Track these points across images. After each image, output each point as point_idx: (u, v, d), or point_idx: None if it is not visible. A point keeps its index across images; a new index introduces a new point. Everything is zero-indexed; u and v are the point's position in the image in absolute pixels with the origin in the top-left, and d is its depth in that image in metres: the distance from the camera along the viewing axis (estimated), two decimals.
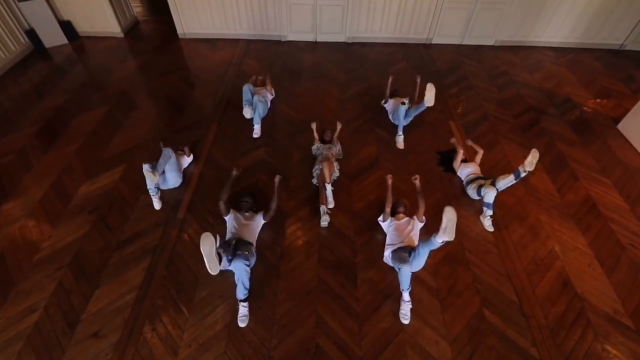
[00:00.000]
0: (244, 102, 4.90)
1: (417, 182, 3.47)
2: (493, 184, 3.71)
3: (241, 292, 3.00)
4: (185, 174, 4.23)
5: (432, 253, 3.48)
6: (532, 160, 3.47)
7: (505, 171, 4.28)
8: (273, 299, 3.15)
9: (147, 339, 2.91)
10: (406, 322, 2.98)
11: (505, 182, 3.62)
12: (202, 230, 3.67)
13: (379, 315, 3.06)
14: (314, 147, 4.37)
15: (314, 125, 4.46)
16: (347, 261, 3.43)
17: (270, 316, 3.04)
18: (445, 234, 2.69)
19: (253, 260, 3.25)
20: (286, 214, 3.83)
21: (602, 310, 3.13)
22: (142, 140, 4.72)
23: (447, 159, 4.34)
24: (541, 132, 4.96)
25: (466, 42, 6.92)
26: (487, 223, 3.70)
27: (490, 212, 3.71)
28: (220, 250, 2.88)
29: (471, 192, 3.93)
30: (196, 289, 3.21)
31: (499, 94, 5.67)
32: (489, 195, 3.67)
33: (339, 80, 5.89)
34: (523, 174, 3.53)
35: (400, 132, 4.66)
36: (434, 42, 6.95)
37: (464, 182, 4.05)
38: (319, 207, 3.77)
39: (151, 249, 3.51)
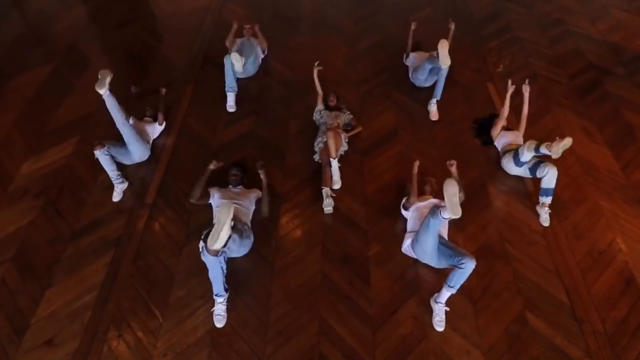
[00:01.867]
0: (226, 86, 4.77)
1: (454, 169, 3.56)
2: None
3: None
4: (155, 147, 4.31)
5: (464, 243, 3.59)
6: (558, 148, 3.52)
7: None
8: (266, 300, 3.27)
9: (112, 348, 3.04)
10: (440, 329, 3.10)
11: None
12: (177, 216, 3.79)
13: (397, 319, 3.17)
14: (315, 114, 4.44)
15: (315, 72, 4.52)
16: (357, 254, 3.55)
17: (263, 320, 3.17)
18: (450, 211, 2.81)
19: (249, 244, 3.40)
20: (281, 197, 3.93)
21: None
22: (98, 107, 4.76)
23: (485, 128, 4.41)
24: (604, 96, 5.02)
25: None
26: (544, 216, 3.74)
27: (549, 201, 3.75)
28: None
29: (506, 163, 4.03)
30: (171, 289, 3.34)
31: (552, 49, 5.70)
32: (551, 176, 3.68)
33: (347, 31, 5.92)
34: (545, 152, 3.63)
35: (433, 100, 4.70)
36: None
37: (500, 154, 4.12)
38: (322, 189, 3.87)
39: (114, 240, 3.63)
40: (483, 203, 3.92)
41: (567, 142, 3.53)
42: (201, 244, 3.11)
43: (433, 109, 4.68)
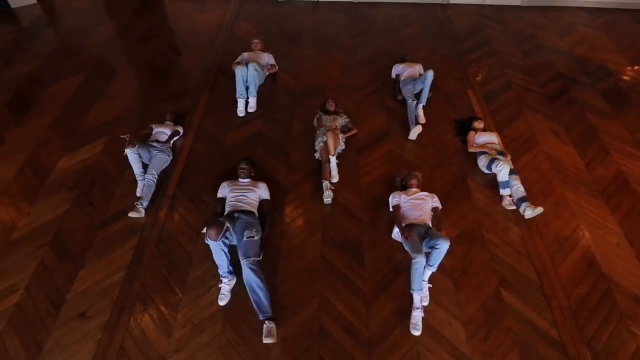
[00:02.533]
0: (237, 93, 4.80)
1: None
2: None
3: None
4: (175, 146, 4.37)
5: (446, 229, 3.66)
6: (532, 213, 3.66)
7: (528, 146, 4.44)
8: (273, 279, 3.33)
9: (138, 320, 3.10)
10: (417, 333, 3.00)
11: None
12: (194, 206, 3.85)
13: (388, 295, 3.23)
14: (315, 119, 4.51)
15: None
16: (353, 240, 3.61)
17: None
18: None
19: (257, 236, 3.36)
20: (286, 189, 3.99)
21: (630, 292, 3.31)
22: (124, 112, 4.86)
23: (464, 128, 4.46)
24: (570, 102, 5.08)
25: (489, 1, 6.98)
26: (506, 202, 3.86)
27: (507, 192, 3.86)
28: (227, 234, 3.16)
29: (482, 163, 4.10)
30: (189, 269, 3.40)
31: (525, 61, 5.76)
32: (504, 172, 3.83)
33: (344, 45, 5.98)
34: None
35: (419, 105, 4.71)
36: (452, 1, 7.01)
37: (478, 153, 4.19)
38: (322, 182, 3.93)
39: (139, 227, 3.68)
40: (463, 194, 3.97)
41: (539, 210, 3.66)
42: (204, 229, 3.17)
43: (420, 113, 4.73)
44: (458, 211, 3.84)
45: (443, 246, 3.08)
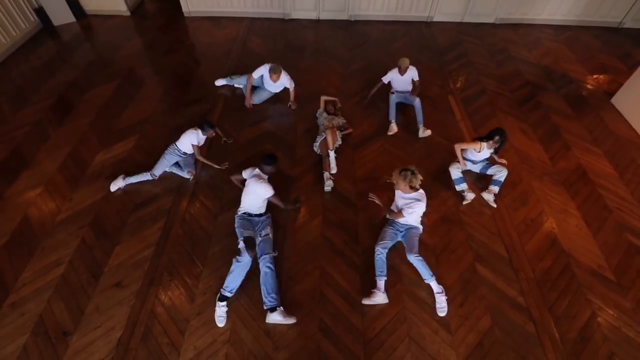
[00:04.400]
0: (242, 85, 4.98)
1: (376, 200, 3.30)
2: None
3: (234, 285, 3.01)
4: None
5: (429, 214, 3.69)
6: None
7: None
8: (280, 255, 3.39)
9: (165, 288, 3.17)
10: (443, 314, 2.99)
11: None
12: (212, 193, 3.90)
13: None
14: (317, 114, 4.58)
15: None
16: (349, 221, 3.67)
17: (277, 269, 3.28)
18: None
19: (270, 232, 3.32)
20: (292, 179, 4.04)
21: (587, 265, 3.37)
22: (152, 113, 4.91)
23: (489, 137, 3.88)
24: (537, 105, 5.12)
25: (467, 19, 7.01)
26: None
27: (457, 187, 3.86)
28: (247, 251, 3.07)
29: (455, 170, 3.87)
30: (209, 246, 3.46)
31: (498, 70, 5.80)
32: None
33: (342, 57, 6.02)
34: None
35: (420, 125, 4.54)
36: (435, 19, 7.04)
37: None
38: (323, 173, 3.98)
39: (165, 210, 3.75)
40: (445, 184, 4.02)
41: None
42: (241, 244, 3.08)
43: (425, 133, 4.54)
44: (440, 197, 3.89)
45: (414, 263, 3.10)
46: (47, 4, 6.46)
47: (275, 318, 2.92)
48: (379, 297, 3.04)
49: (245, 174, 3.46)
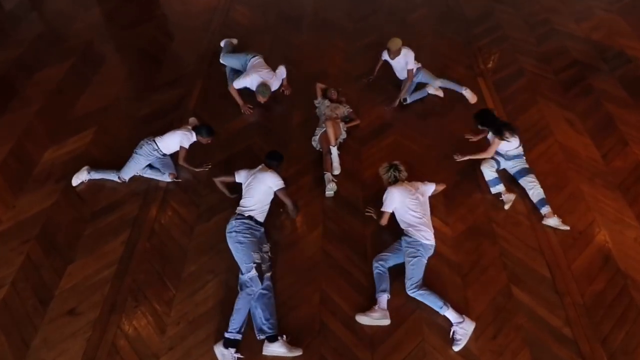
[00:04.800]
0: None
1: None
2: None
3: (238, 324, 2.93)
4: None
5: (453, 223, 3.67)
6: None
7: (542, 136, 4.45)
8: (272, 273, 3.36)
9: (130, 317, 3.14)
10: (457, 348, 2.95)
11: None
12: (188, 199, 3.87)
13: (392, 291, 3.24)
14: (316, 102, 4.56)
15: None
16: (355, 234, 3.64)
17: None
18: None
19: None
20: (285, 181, 3.98)
21: None
22: (114, 100, 4.88)
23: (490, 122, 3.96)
24: (587, 90, 5.09)
25: None
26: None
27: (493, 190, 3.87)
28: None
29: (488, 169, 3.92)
30: (184, 264, 3.44)
31: (538, 47, 5.76)
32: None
33: (346, 30, 5.99)
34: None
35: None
36: None
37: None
38: (324, 174, 3.96)
39: (130, 220, 3.72)
40: (473, 186, 4.00)
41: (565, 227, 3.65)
42: (253, 273, 3.04)
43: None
44: (467, 205, 3.87)
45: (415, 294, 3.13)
46: None
47: (276, 350, 2.88)
48: (377, 314, 3.04)
49: (240, 176, 3.48)
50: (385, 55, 4.77)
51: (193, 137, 3.90)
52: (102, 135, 4.44)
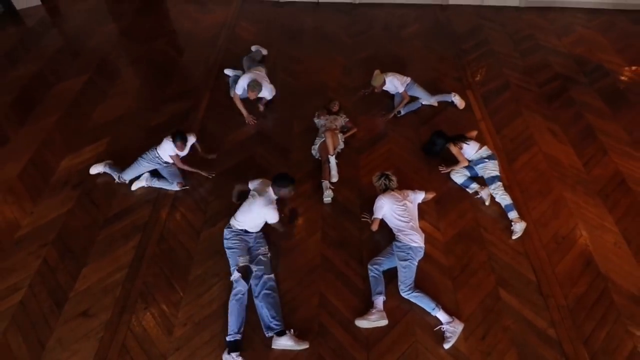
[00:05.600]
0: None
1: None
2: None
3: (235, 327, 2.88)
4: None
5: (444, 229, 3.60)
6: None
7: (526, 145, 4.38)
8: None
9: (139, 318, 3.06)
10: (447, 346, 2.89)
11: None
12: (195, 205, 3.80)
13: (387, 294, 3.17)
14: (315, 118, 4.45)
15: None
16: (352, 239, 3.56)
17: None
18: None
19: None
20: None
21: (628, 291, 3.25)
22: (127, 111, 4.81)
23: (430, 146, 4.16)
24: (568, 102, 5.00)
25: (488, 2, 6.89)
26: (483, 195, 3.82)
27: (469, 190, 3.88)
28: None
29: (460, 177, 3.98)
30: (190, 267, 3.36)
31: (523, 61, 5.68)
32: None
33: (344, 45, 5.91)
34: None
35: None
36: (451, 2, 6.92)
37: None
38: (322, 182, 3.88)
39: (141, 225, 3.64)
40: (462, 193, 3.92)
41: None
42: (236, 275, 3.03)
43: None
44: (457, 210, 3.79)
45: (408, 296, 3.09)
46: None
47: (284, 343, 2.83)
48: (374, 316, 2.98)
49: (252, 184, 3.39)
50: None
51: (170, 144, 3.71)
52: (115, 145, 4.36)
